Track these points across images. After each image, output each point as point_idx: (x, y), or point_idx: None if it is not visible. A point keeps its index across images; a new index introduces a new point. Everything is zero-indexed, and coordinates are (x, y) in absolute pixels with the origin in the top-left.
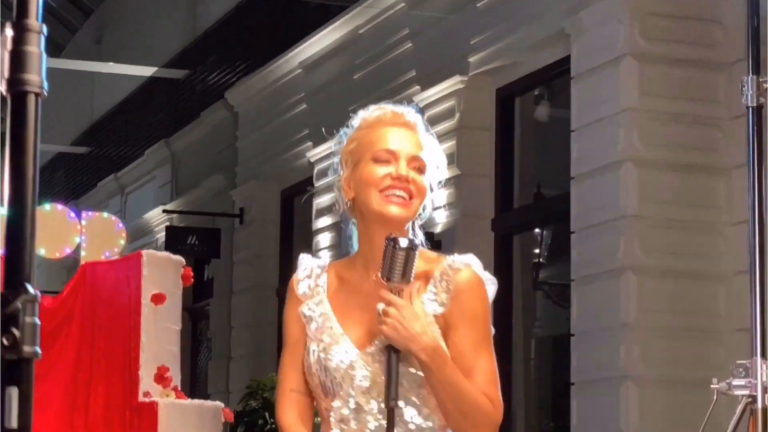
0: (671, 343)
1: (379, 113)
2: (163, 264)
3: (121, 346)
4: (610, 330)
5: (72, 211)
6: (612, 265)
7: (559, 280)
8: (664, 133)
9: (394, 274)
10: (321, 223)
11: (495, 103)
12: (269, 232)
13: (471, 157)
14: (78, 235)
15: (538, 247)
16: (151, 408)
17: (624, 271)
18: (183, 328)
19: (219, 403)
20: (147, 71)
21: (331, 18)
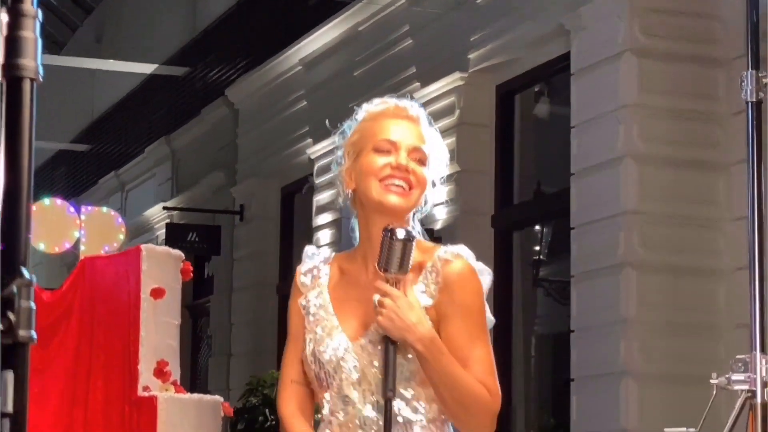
0: (671, 339)
1: (383, 106)
2: (163, 258)
3: (120, 341)
4: (610, 326)
5: (71, 206)
6: (612, 261)
7: (560, 278)
8: (664, 129)
9: (392, 264)
10: (321, 219)
11: (495, 100)
12: (269, 229)
13: (471, 153)
14: (77, 229)
15: (538, 244)
16: (150, 402)
17: (624, 267)
18: (183, 325)
19: (218, 397)
20: (147, 69)
21: (331, 15)
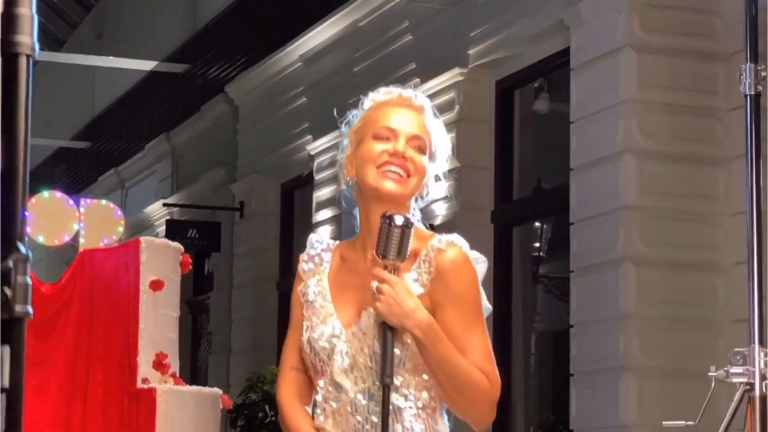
0: (670, 334)
1: (388, 96)
2: (162, 251)
3: (119, 333)
4: (610, 321)
5: (71, 199)
6: (611, 256)
7: (560, 274)
8: (664, 124)
9: (389, 251)
10: (321, 216)
11: (495, 95)
12: (269, 225)
13: (471, 149)
14: (76, 222)
15: (538, 240)
16: (149, 394)
17: (623, 262)
18: (183, 322)
19: (217, 389)
20: (147, 65)
21: (331, 11)
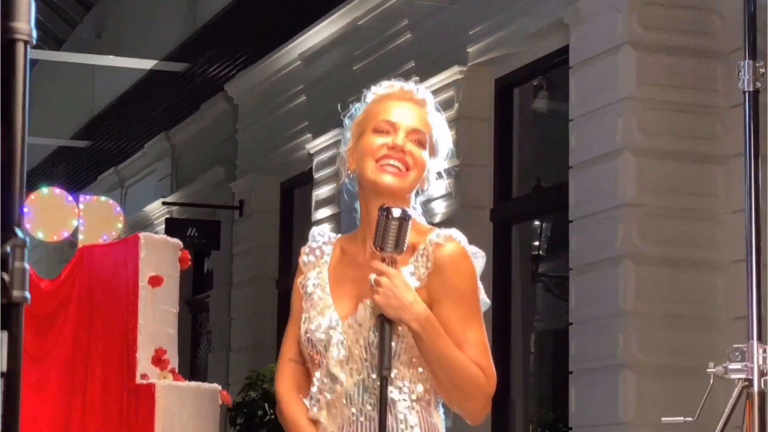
0: (669, 331)
1: (390, 89)
2: (161, 246)
3: (118, 329)
4: (609, 319)
5: (70, 195)
6: (610, 253)
7: (559, 272)
8: (663, 122)
9: (387, 243)
10: (320, 214)
11: (494, 93)
12: (269, 224)
13: (470, 147)
14: (76, 218)
15: (537, 238)
16: (148, 390)
17: (622, 260)
18: (183, 320)
19: (216, 385)
20: (147, 64)
21: (330, 9)
